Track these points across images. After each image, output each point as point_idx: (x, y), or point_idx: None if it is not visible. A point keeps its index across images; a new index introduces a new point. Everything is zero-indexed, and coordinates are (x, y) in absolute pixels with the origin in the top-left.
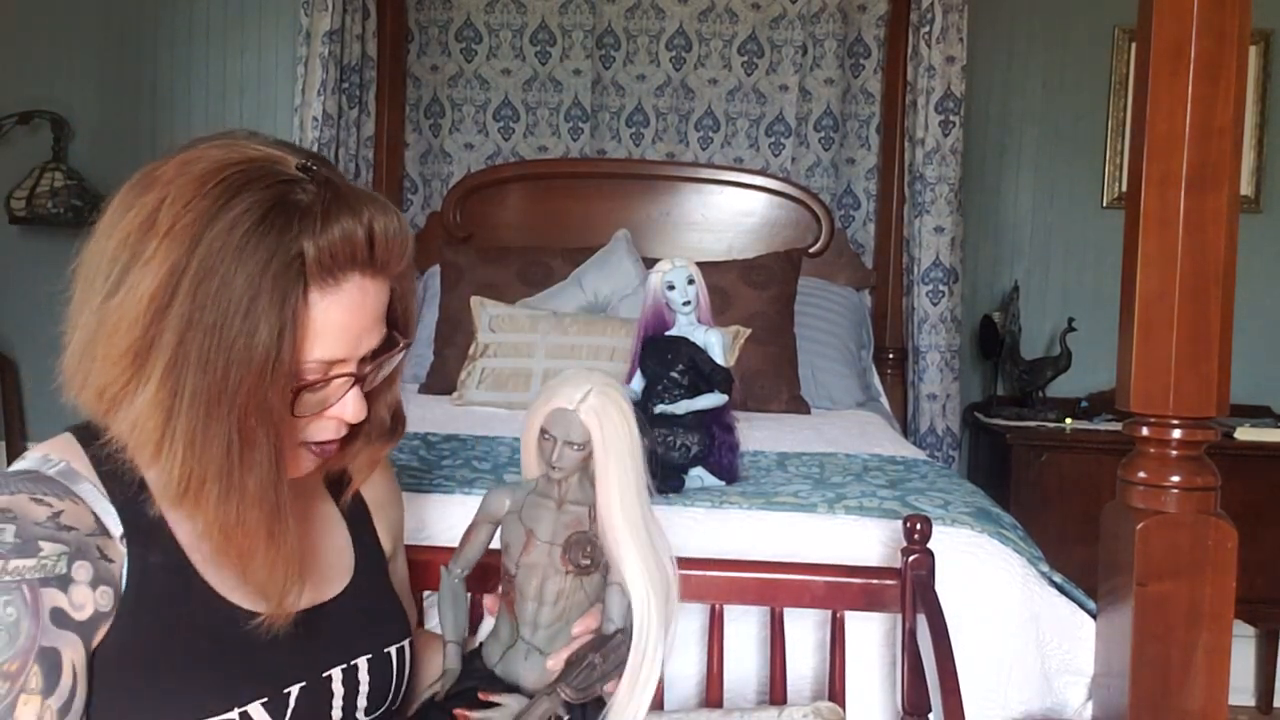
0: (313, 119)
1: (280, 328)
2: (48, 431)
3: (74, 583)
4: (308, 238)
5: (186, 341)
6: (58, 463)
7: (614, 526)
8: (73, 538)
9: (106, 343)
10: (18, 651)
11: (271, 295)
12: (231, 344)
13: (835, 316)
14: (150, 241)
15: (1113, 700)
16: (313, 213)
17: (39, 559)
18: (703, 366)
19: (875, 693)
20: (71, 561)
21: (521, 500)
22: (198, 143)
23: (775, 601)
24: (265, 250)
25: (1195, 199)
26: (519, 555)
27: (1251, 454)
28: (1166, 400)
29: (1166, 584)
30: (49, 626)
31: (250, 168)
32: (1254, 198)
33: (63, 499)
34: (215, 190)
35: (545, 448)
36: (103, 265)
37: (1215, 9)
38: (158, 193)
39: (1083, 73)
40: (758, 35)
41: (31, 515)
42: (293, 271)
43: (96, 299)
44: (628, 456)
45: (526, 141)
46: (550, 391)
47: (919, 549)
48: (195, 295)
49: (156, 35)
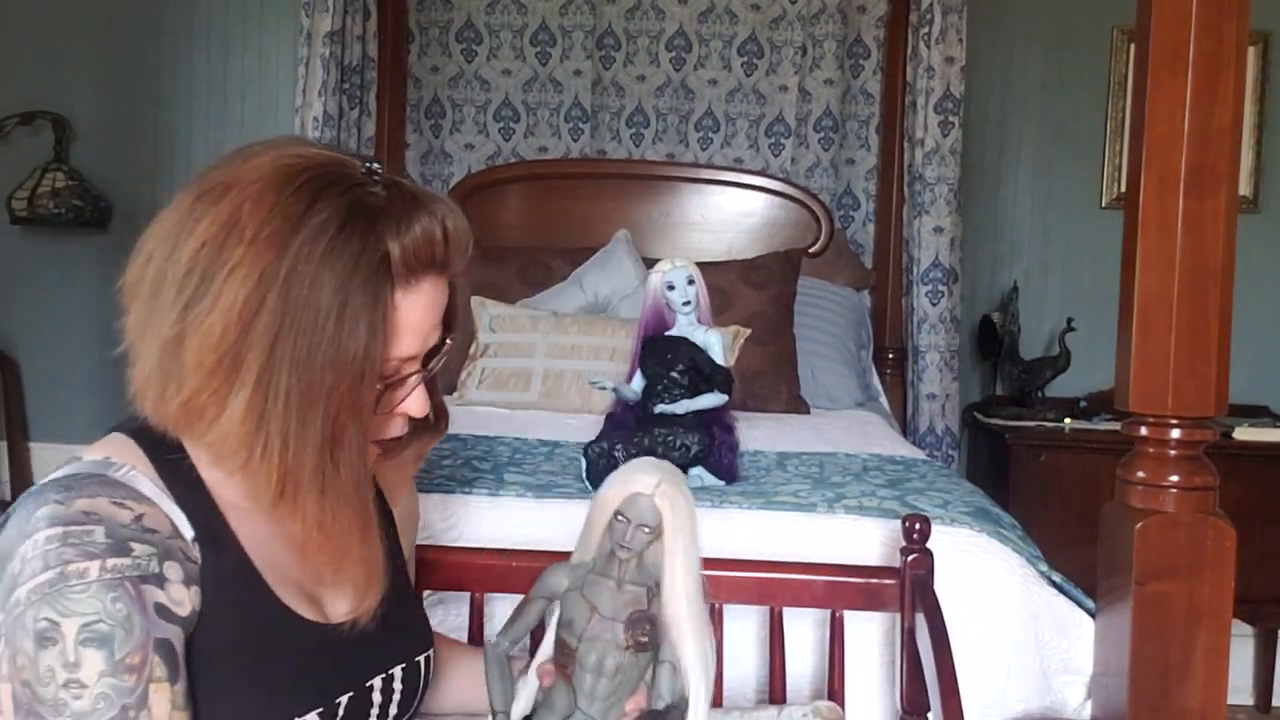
0: (313, 120)
1: (372, 327)
2: (48, 431)
3: (168, 581)
4: (391, 238)
5: (279, 346)
6: (122, 466)
7: (677, 607)
8: (157, 540)
9: (196, 352)
10: (137, 644)
11: (363, 297)
12: (326, 346)
13: (835, 316)
14: (234, 249)
15: (1111, 699)
16: (391, 214)
17: (133, 558)
18: (703, 366)
19: (874, 692)
20: (162, 561)
21: (581, 578)
22: (255, 150)
23: (775, 601)
24: (352, 252)
25: (1194, 200)
26: (582, 629)
27: (1250, 454)
28: (1165, 400)
29: (1165, 583)
30: (156, 620)
31: (325, 171)
32: (1252, 198)
33: (140, 503)
34: (297, 195)
35: (618, 529)
36: (176, 275)
37: (1214, 10)
38: (233, 199)
39: (1082, 74)
40: (757, 36)
41: (116, 517)
42: (381, 272)
43: (172, 310)
44: (692, 542)
45: (527, 142)
46: (624, 478)
47: (918, 548)
48: (287, 300)
49: (158, 36)
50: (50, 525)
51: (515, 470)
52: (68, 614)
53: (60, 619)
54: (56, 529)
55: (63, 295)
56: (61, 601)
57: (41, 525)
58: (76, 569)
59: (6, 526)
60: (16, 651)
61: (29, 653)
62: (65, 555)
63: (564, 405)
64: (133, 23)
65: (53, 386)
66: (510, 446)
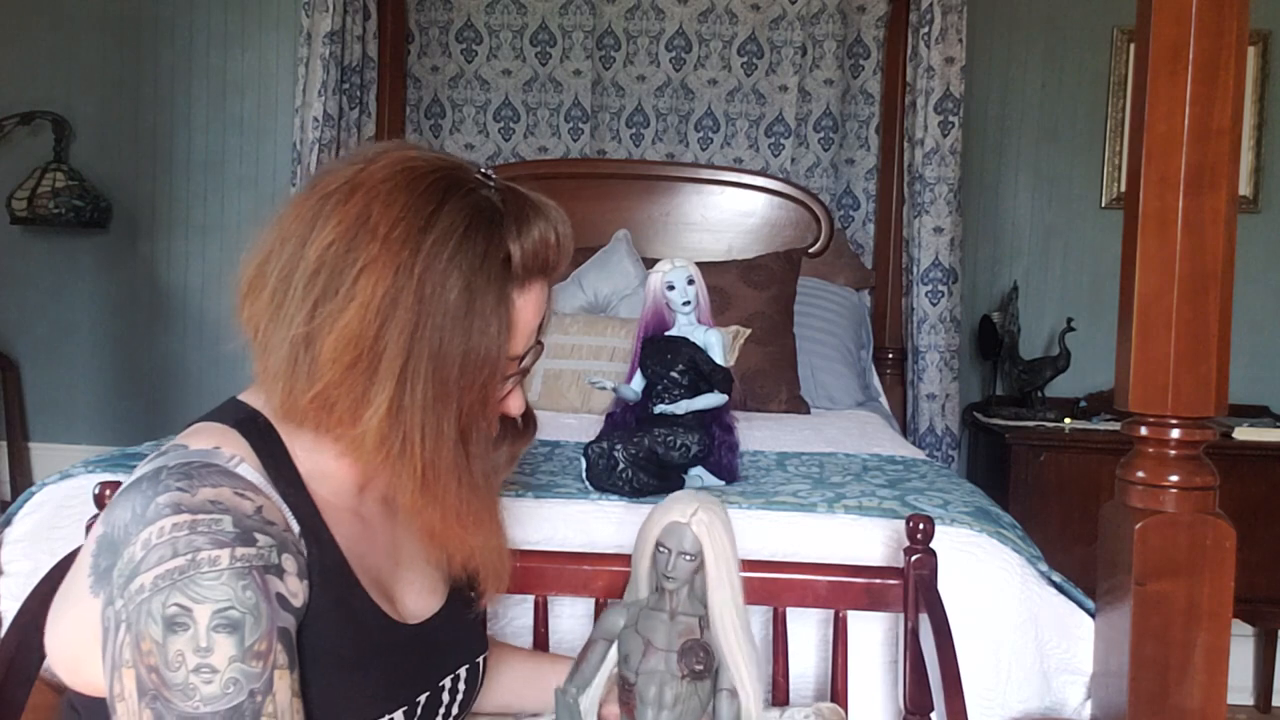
0: (313, 120)
1: (501, 325)
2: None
3: (286, 572)
4: (512, 240)
5: (417, 342)
6: (232, 457)
7: (727, 630)
8: (276, 532)
9: (331, 348)
10: (264, 631)
11: (490, 295)
12: (459, 342)
13: (835, 316)
14: (365, 246)
15: (1111, 699)
16: (510, 217)
17: (257, 549)
18: (703, 366)
19: (877, 692)
20: (280, 553)
21: (636, 615)
22: (375, 153)
23: (778, 601)
24: (478, 252)
25: (1194, 199)
26: (638, 664)
27: (1250, 454)
28: (1165, 400)
29: (1165, 583)
30: (278, 609)
31: (450, 173)
32: (1252, 198)
33: (258, 495)
34: (426, 195)
35: (660, 559)
36: (304, 273)
37: (1214, 10)
38: (362, 198)
39: (1082, 73)
40: (757, 36)
41: (241, 508)
42: (504, 271)
43: (301, 307)
44: (734, 565)
45: (527, 142)
46: (663, 509)
47: (921, 548)
48: (421, 297)
49: (157, 36)
50: (176, 512)
51: (515, 470)
52: (200, 600)
53: (192, 605)
54: (184, 516)
55: (63, 295)
56: (193, 588)
57: (166, 512)
58: (208, 556)
59: (113, 513)
60: (141, 637)
61: (156, 638)
62: (196, 542)
63: (564, 405)
64: (132, 23)
65: (52, 386)
66: None
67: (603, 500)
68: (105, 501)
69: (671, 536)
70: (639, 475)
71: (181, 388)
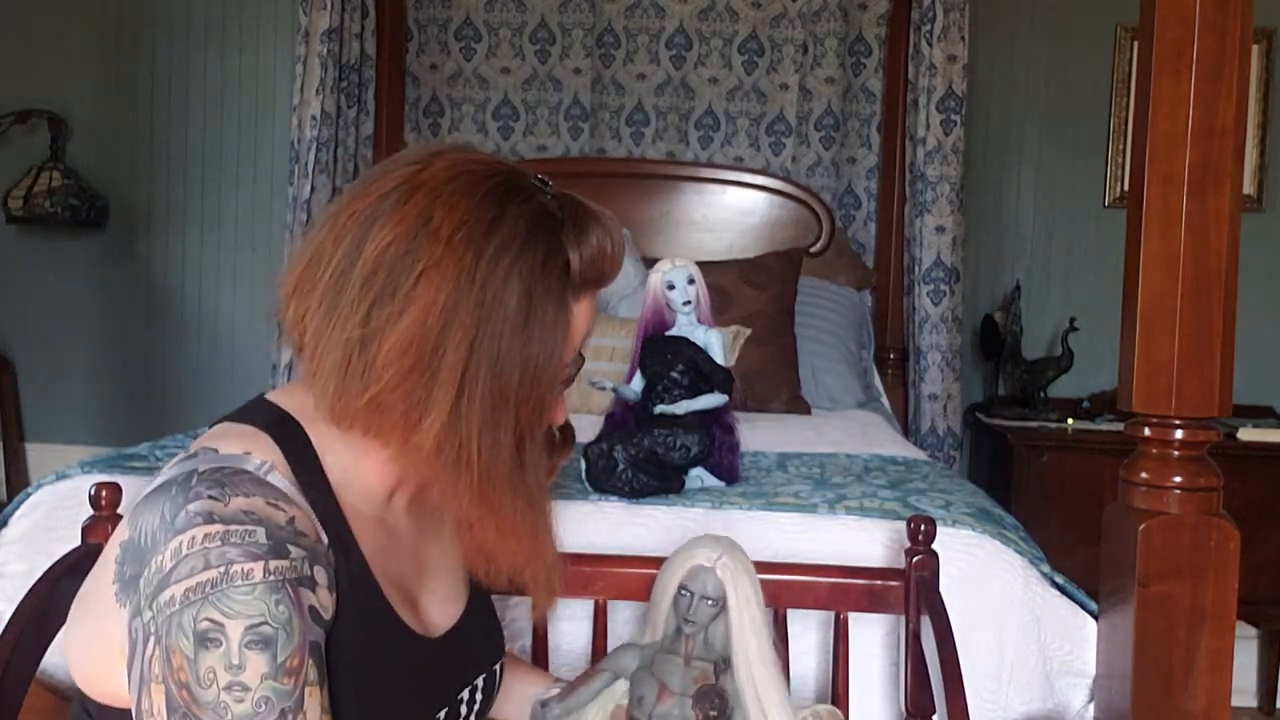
0: (311, 118)
1: (559, 333)
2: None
3: (318, 585)
4: (572, 248)
5: (477, 349)
6: (263, 464)
7: (753, 680)
8: (307, 543)
9: (389, 352)
10: (296, 647)
11: (549, 302)
12: (519, 349)
13: (836, 316)
14: (426, 249)
15: (1115, 702)
16: (569, 224)
17: (290, 560)
18: (703, 366)
19: (877, 695)
20: (313, 565)
21: (650, 657)
22: (432, 153)
23: (779, 603)
24: (539, 259)
25: (1197, 199)
26: (653, 707)
27: (1254, 454)
28: (1169, 401)
29: (1169, 585)
30: (311, 624)
31: (511, 177)
32: (1256, 197)
33: (290, 505)
34: (487, 199)
35: (682, 603)
36: (360, 274)
37: (1217, 8)
38: (423, 200)
39: (1084, 71)
40: (758, 34)
41: (274, 518)
42: (564, 280)
43: (357, 309)
44: (759, 611)
45: (526, 141)
46: (686, 552)
47: (923, 550)
48: (484, 302)
49: (154, 34)
50: (209, 522)
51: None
52: (232, 615)
53: (225, 620)
54: (216, 526)
55: (59, 294)
56: (226, 602)
57: (199, 521)
58: (242, 569)
59: (140, 517)
60: (171, 651)
61: (188, 653)
62: (229, 555)
63: None
64: (129, 21)
65: (48, 386)
66: None
67: (602, 501)
68: (102, 503)
69: (695, 580)
70: (639, 476)
71: (178, 387)
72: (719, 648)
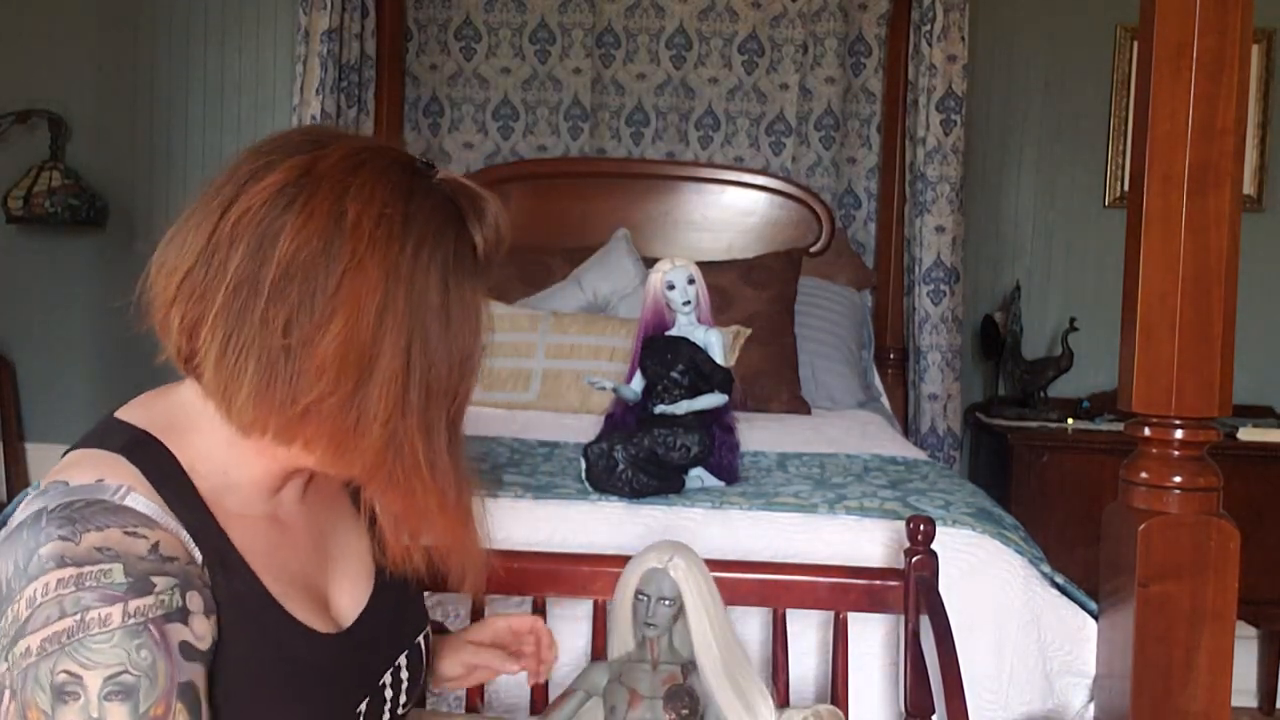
0: (311, 118)
1: (478, 319)
2: (43, 431)
3: (191, 614)
4: (476, 232)
5: (412, 345)
6: (119, 489)
7: (718, 675)
8: (176, 568)
9: (319, 358)
10: (161, 693)
11: (466, 290)
12: (448, 341)
13: (836, 316)
14: (348, 246)
15: (1114, 702)
16: (468, 208)
17: (156, 595)
18: (703, 366)
19: (876, 695)
20: (184, 592)
21: (619, 669)
22: (321, 137)
23: (778, 603)
24: (451, 246)
25: (1197, 199)
26: (625, 714)
27: (1254, 454)
28: (1169, 401)
29: (1169, 585)
30: (181, 662)
31: (407, 162)
32: (1256, 197)
33: (152, 529)
34: (399, 186)
35: (640, 607)
36: (266, 277)
37: (1217, 8)
38: (330, 193)
39: (1084, 71)
40: (758, 34)
41: (133, 550)
42: (474, 264)
43: (275, 315)
44: (714, 606)
45: (526, 141)
46: (638, 558)
47: (922, 550)
48: (412, 297)
49: (154, 34)
50: (60, 566)
51: (514, 471)
52: (90, 666)
53: (82, 671)
54: (69, 570)
55: (59, 295)
56: (83, 652)
57: (50, 565)
58: (99, 615)
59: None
60: (28, 706)
61: (44, 708)
62: (84, 600)
63: (563, 405)
64: (129, 21)
65: (48, 386)
66: (509, 447)
67: (602, 501)
68: None
69: (650, 584)
70: (639, 476)
71: None
72: (684, 650)
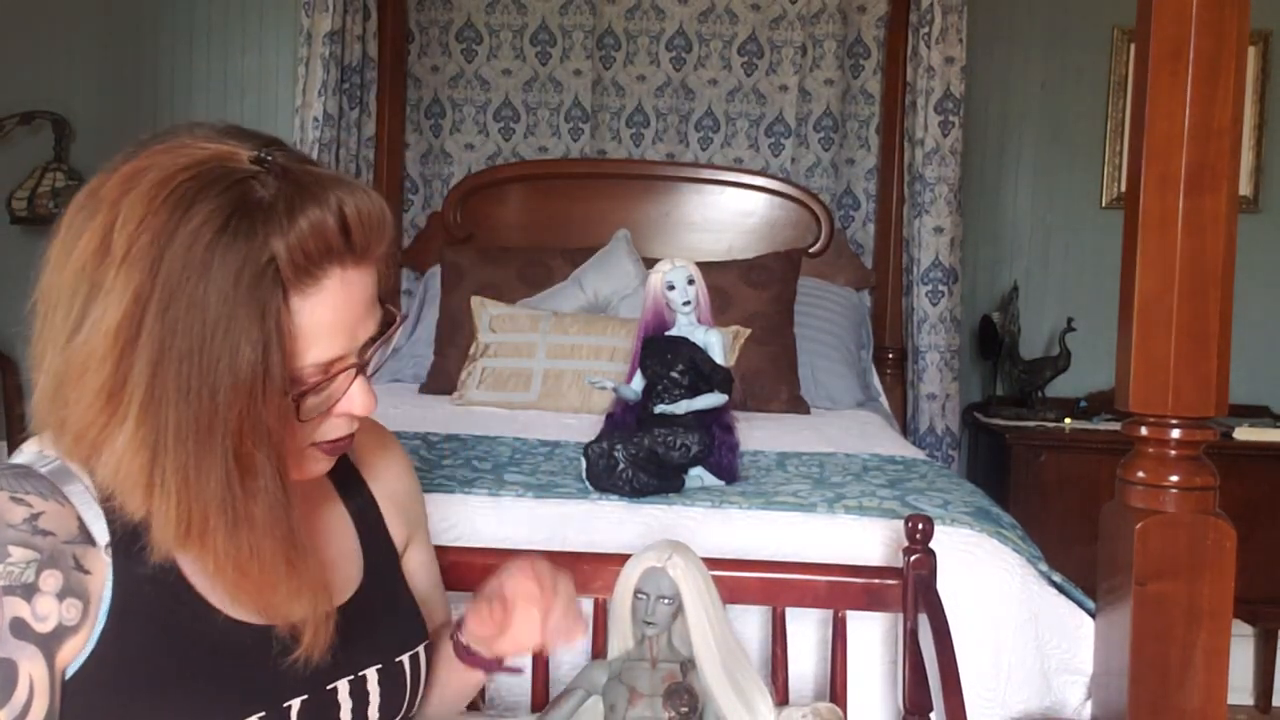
0: (313, 119)
1: (264, 343)
2: None
3: (39, 592)
4: (276, 238)
5: (162, 373)
6: (52, 460)
7: (717, 672)
8: (47, 544)
9: (77, 385)
10: None
11: (249, 309)
12: (213, 368)
13: (835, 316)
14: (108, 270)
15: (1112, 700)
16: (276, 210)
17: (5, 564)
18: (703, 366)
19: (875, 692)
20: (41, 570)
21: (618, 668)
22: (139, 149)
23: (777, 601)
24: (233, 261)
25: (1194, 199)
26: (624, 712)
27: (1250, 454)
28: (1165, 400)
29: (1165, 583)
30: (7, 637)
31: (201, 171)
32: (1253, 198)
33: (47, 499)
34: (168, 203)
35: (640, 606)
36: (62, 300)
37: (1214, 9)
38: (106, 215)
39: (1082, 73)
40: (757, 36)
41: (7, 516)
42: (267, 279)
43: (61, 337)
44: (712, 605)
45: (527, 142)
46: (637, 557)
47: (920, 549)
48: (164, 322)
49: (158, 36)
50: None
51: (515, 470)
52: None
53: None
54: None
55: None
56: None
57: None
58: None
59: None
60: None
61: None
62: None
63: (564, 405)
64: (132, 22)
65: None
66: (510, 446)
67: (603, 500)
68: None
69: (649, 582)
70: (639, 475)
71: None
72: (683, 649)
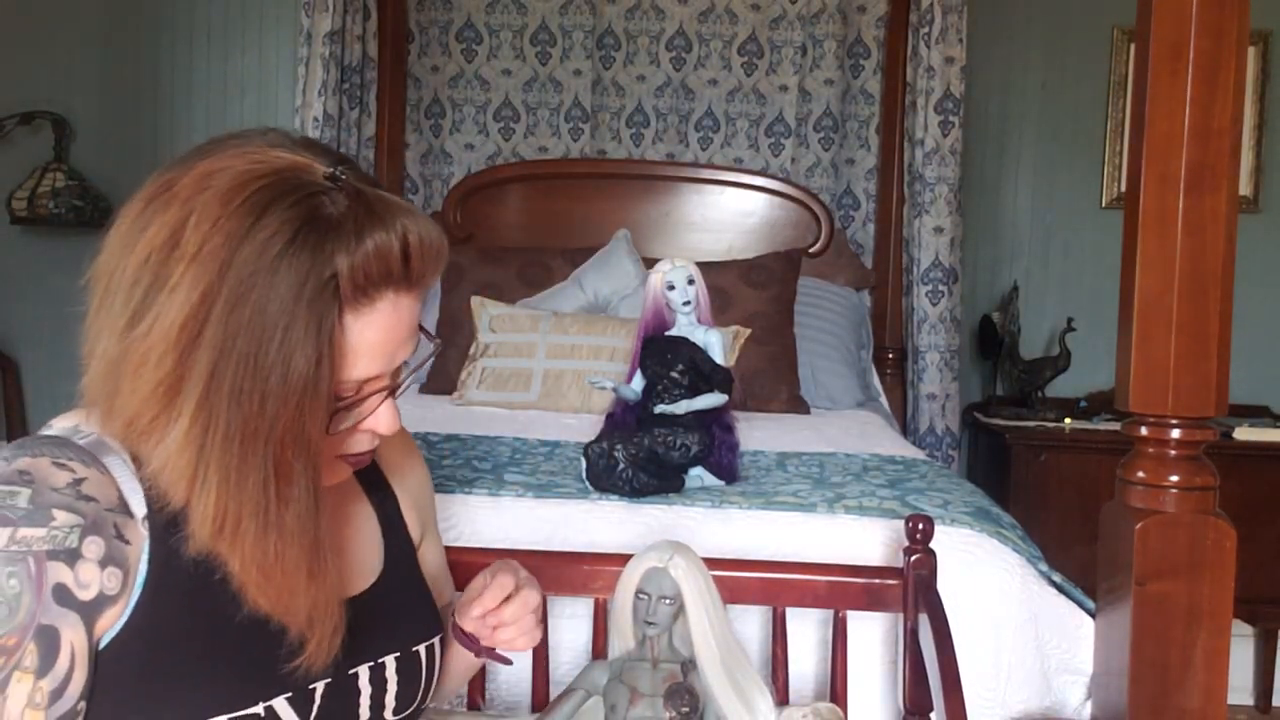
0: (313, 119)
1: (317, 355)
2: None
3: (82, 559)
4: (341, 256)
5: (219, 374)
6: (89, 434)
7: (717, 673)
8: (91, 509)
9: (134, 375)
10: (16, 626)
11: (307, 322)
12: (267, 375)
13: (835, 316)
14: (176, 265)
15: (1111, 699)
16: (345, 228)
17: (50, 529)
18: (703, 366)
19: (876, 692)
20: (84, 535)
21: (619, 668)
22: (214, 148)
23: (778, 601)
24: (298, 273)
25: (1194, 199)
26: (625, 712)
27: (1250, 454)
28: (1165, 400)
29: (1165, 583)
30: (50, 603)
31: (277, 180)
32: (1252, 198)
33: (89, 466)
34: (243, 208)
35: (640, 606)
36: (123, 286)
37: (1214, 9)
38: (179, 210)
39: (1082, 73)
40: (757, 36)
41: (51, 480)
42: (327, 294)
43: (118, 323)
44: (713, 605)
45: (527, 142)
46: (639, 557)
47: (921, 549)
48: (227, 324)
49: (158, 36)
50: None
51: (515, 470)
52: None
53: None
54: None
55: (63, 295)
56: None
57: None
58: None
59: None
60: None
61: None
62: None
63: (564, 405)
64: (132, 23)
65: (53, 387)
66: (510, 446)
67: (603, 500)
68: None
69: (651, 583)
70: (639, 475)
71: None
72: (683, 649)
